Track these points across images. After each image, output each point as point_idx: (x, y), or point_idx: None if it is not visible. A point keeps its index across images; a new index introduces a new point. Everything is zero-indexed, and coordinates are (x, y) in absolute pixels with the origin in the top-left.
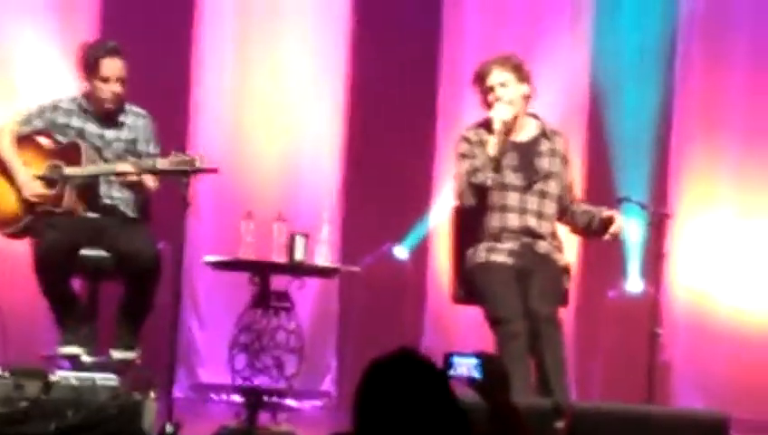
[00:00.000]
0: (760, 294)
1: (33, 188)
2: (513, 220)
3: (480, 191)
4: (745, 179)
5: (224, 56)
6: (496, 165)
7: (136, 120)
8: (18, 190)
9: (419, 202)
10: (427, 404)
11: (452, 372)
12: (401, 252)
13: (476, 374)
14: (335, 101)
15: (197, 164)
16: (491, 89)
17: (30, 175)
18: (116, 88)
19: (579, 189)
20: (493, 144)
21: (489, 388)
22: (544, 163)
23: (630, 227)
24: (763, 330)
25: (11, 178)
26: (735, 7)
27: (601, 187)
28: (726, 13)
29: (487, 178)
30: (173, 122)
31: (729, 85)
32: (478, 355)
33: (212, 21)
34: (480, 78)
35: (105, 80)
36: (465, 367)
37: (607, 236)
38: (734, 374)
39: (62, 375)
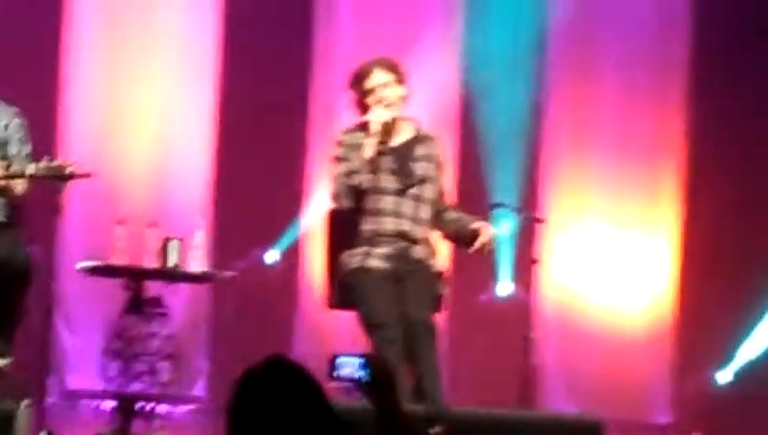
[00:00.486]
0: (628, 296)
1: None
2: (389, 224)
3: (356, 193)
4: (614, 185)
5: (94, 58)
6: (373, 167)
7: (8, 119)
8: None
9: (291, 206)
10: (301, 411)
11: (337, 374)
12: (273, 256)
13: (362, 375)
14: (206, 103)
15: (68, 170)
16: (371, 90)
17: None
18: None
19: (451, 194)
20: (370, 146)
21: (375, 389)
22: (420, 167)
23: (502, 232)
24: (632, 331)
25: None
26: (604, 15)
27: (473, 190)
28: (596, 19)
29: (363, 179)
30: (42, 123)
31: (599, 90)
32: (363, 356)
33: (82, 20)
34: (359, 79)
35: None
36: (351, 368)
37: (473, 249)
38: (605, 375)
39: None
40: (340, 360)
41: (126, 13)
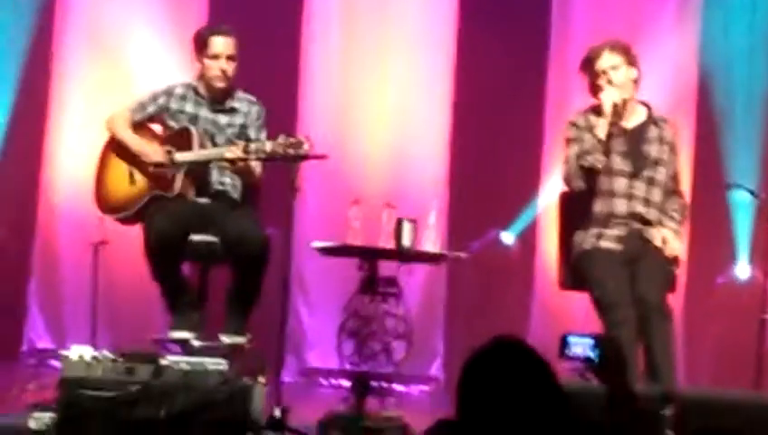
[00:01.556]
0: None
1: (159, 152)
2: (621, 206)
3: (589, 175)
4: None
5: (330, 44)
6: (605, 148)
7: (248, 107)
8: (133, 173)
9: (526, 188)
10: (528, 391)
11: (568, 352)
12: (508, 237)
13: (592, 355)
14: (442, 86)
15: (305, 147)
16: (602, 72)
17: (152, 145)
18: (225, 65)
19: (685, 179)
20: (602, 127)
21: (607, 369)
22: (653, 150)
23: (740, 214)
24: None
25: (128, 156)
26: None
27: (710, 173)
28: None
29: (597, 160)
30: (282, 110)
31: None
32: (595, 336)
33: (321, 12)
34: (590, 62)
35: (214, 57)
36: (582, 347)
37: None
38: None
39: (172, 360)
40: (571, 339)
41: (362, 5)
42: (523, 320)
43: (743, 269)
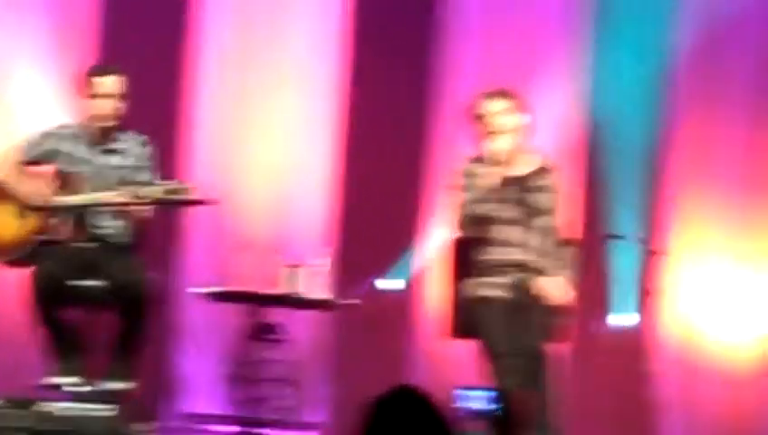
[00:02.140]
0: (750, 331)
1: (43, 196)
2: (511, 254)
3: (478, 222)
4: (739, 218)
5: (218, 85)
6: (494, 196)
7: (137, 147)
8: (17, 216)
9: (413, 235)
10: None
11: (464, 405)
12: (395, 284)
13: (489, 408)
14: (327, 131)
15: (194, 195)
16: (486, 119)
17: (35, 187)
18: (108, 104)
19: (572, 228)
20: (490, 175)
21: (505, 423)
22: (542, 198)
23: (624, 263)
24: (754, 366)
25: (14, 200)
26: (732, 43)
27: (596, 222)
28: (723, 48)
29: (485, 209)
30: (168, 151)
31: (726, 120)
32: (493, 390)
33: (208, 53)
34: (475, 109)
35: (99, 96)
36: (479, 401)
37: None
38: (724, 410)
39: (57, 406)
40: (467, 392)
41: (251, 39)
42: (409, 367)
43: (626, 318)
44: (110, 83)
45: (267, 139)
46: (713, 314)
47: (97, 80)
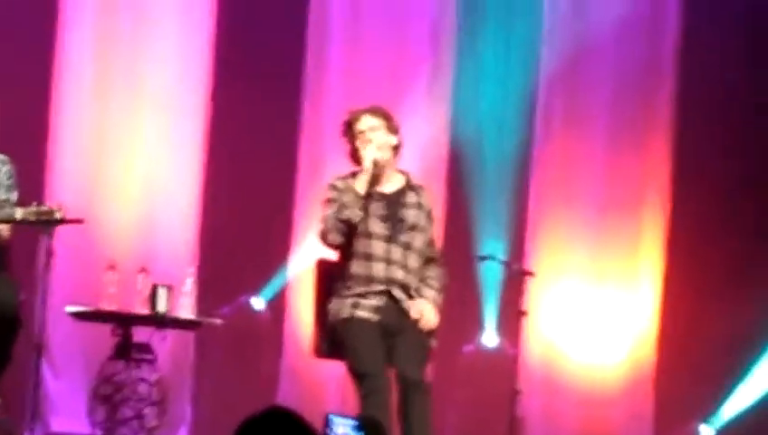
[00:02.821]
0: (611, 350)
1: None
2: (379, 270)
3: (346, 230)
4: (598, 238)
5: (82, 106)
6: (363, 204)
7: None
8: None
9: (278, 253)
10: None
11: (330, 433)
12: (259, 303)
13: None
14: (193, 150)
15: (58, 215)
16: (361, 133)
17: None
18: None
19: (438, 246)
20: (361, 183)
21: None
22: (410, 215)
23: (489, 283)
24: (615, 384)
25: None
26: (592, 70)
27: (460, 242)
28: (585, 74)
29: (354, 214)
30: (31, 170)
31: (586, 144)
32: (358, 417)
33: (71, 69)
34: (349, 125)
35: None
36: (344, 428)
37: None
38: (588, 429)
39: None
40: (334, 419)
41: (114, 61)
42: (272, 386)
43: (490, 338)
44: None
45: (133, 159)
46: (575, 334)
47: None
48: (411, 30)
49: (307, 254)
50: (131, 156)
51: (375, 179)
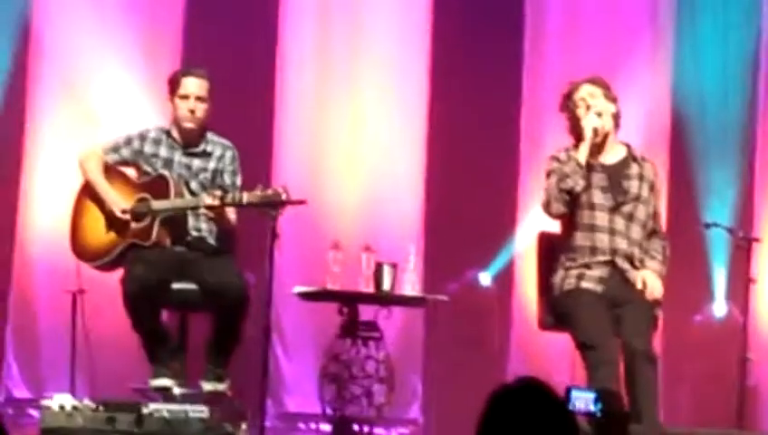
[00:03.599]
0: None
1: (120, 204)
2: (602, 241)
3: (568, 199)
4: None
5: (304, 89)
6: (585, 173)
7: (222, 151)
8: (108, 219)
9: (503, 228)
10: None
11: (570, 407)
12: (486, 278)
13: (594, 409)
14: (416, 128)
15: (281, 197)
16: (581, 100)
17: (123, 189)
18: (193, 105)
19: (663, 220)
20: (583, 152)
21: (607, 425)
22: (633, 186)
23: (716, 252)
24: None
25: (100, 202)
26: None
27: (686, 211)
28: None
29: (576, 183)
30: (256, 154)
31: None
32: (598, 391)
33: (294, 57)
34: (569, 95)
35: (184, 97)
36: (584, 402)
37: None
38: None
39: (153, 408)
40: (573, 393)
41: (333, 44)
42: (501, 361)
43: (720, 307)
44: (194, 85)
45: (355, 137)
46: None
47: (183, 80)
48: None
49: (531, 227)
50: (354, 135)
51: (596, 148)
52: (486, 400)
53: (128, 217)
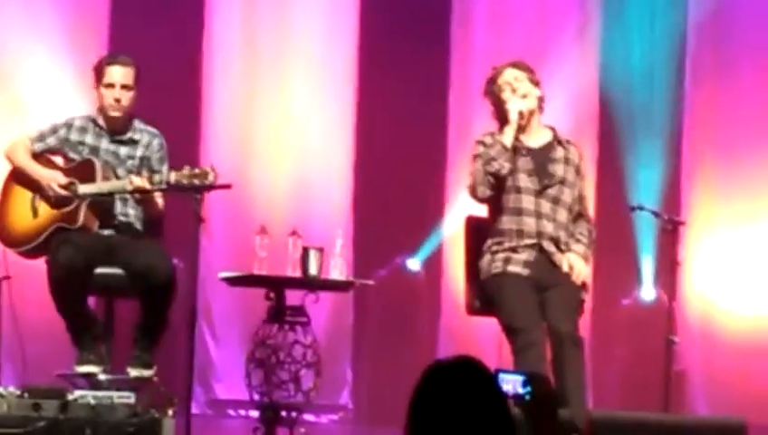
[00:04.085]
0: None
1: (58, 178)
2: (529, 224)
3: (494, 182)
4: (754, 187)
5: (232, 74)
6: (511, 157)
7: (149, 138)
8: (35, 205)
9: (432, 214)
10: (484, 415)
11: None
12: (414, 264)
13: (523, 392)
14: (344, 114)
15: (210, 177)
16: (506, 84)
17: (51, 172)
18: (118, 94)
19: (589, 202)
20: (508, 134)
21: (536, 408)
22: (558, 169)
23: (644, 235)
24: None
25: (32, 185)
26: (742, 14)
27: (613, 195)
28: (733, 20)
29: (502, 166)
30: (184, 140)
31: (738, 89)
32: (526, 374)
33: (221, 41)
34: (492, 79)
35: (109, 86)
36: (512, 384)
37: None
38: (747, 381)
39: (79, 394)
40: (501, 376)
41: (261, 28)
42: (431, 346)
43: (647, 291)
44: (119, 73)
45: (283, 121)
46: (733, 286)
47: (108, 69)
48: None
49: (461, 212)
50: (282, 119)
51: (521, 130)
52: (420, 375)
53: (66, 193)
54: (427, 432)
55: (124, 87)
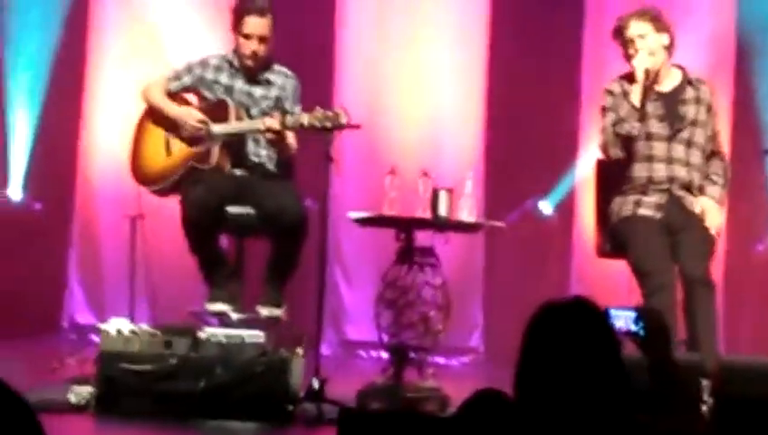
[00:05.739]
0: None
1: (193, 114)
2: (661, 170)
3: (626, 142)
4: None
5: (365, 16)
6: (641, 115)
7: (283, 80)
8: (168, 144)
9: (564, 157)
10: (596, 354)
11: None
12: (546, 207)
13: (634, 328)
14: (477, 55)
15: (342, 119)
16: (630, 41)
17: (186, 108)
18: (255, 46)
19: (724, 141)
20: (636, 94)
21: (650, 342)
22: (690, 111)
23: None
24: None
25: (168, 123)
26: None
27: (748, 139)
28: None
29: (632, 127)
30: (316, 82)
31: None
32: (637, 309)
33: None
34: (618, 32)
35: (246, 36)
36: (624, 320)
37: None
38: None
39: (210, 332)
40: (613, 312)
41: None
42: (562, 289)
43: None
44: (256, 25)
45: (415, 63)
46: None
47: (246, 19)
48: None
49: (592, 156)
50: (414, 61)
51: (649, 88)
52: (534, 311)
53: (201, 127)
54: (538, 369)
55: (261, 39)
